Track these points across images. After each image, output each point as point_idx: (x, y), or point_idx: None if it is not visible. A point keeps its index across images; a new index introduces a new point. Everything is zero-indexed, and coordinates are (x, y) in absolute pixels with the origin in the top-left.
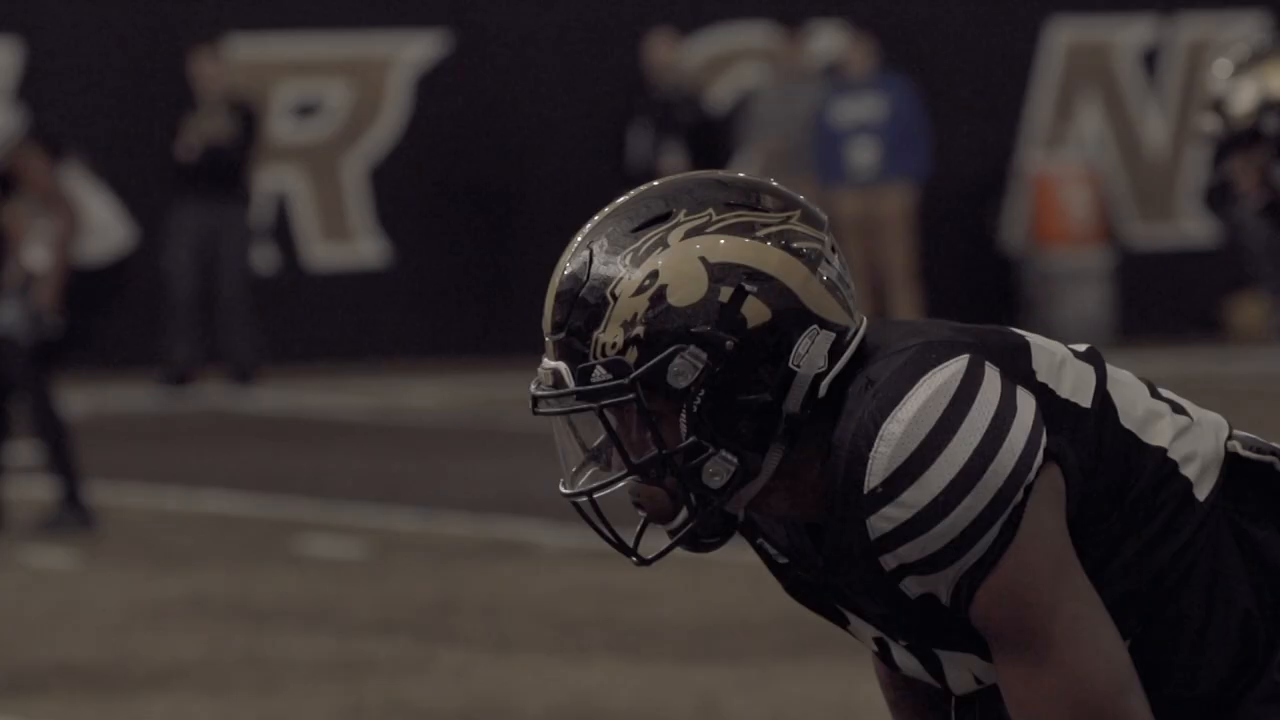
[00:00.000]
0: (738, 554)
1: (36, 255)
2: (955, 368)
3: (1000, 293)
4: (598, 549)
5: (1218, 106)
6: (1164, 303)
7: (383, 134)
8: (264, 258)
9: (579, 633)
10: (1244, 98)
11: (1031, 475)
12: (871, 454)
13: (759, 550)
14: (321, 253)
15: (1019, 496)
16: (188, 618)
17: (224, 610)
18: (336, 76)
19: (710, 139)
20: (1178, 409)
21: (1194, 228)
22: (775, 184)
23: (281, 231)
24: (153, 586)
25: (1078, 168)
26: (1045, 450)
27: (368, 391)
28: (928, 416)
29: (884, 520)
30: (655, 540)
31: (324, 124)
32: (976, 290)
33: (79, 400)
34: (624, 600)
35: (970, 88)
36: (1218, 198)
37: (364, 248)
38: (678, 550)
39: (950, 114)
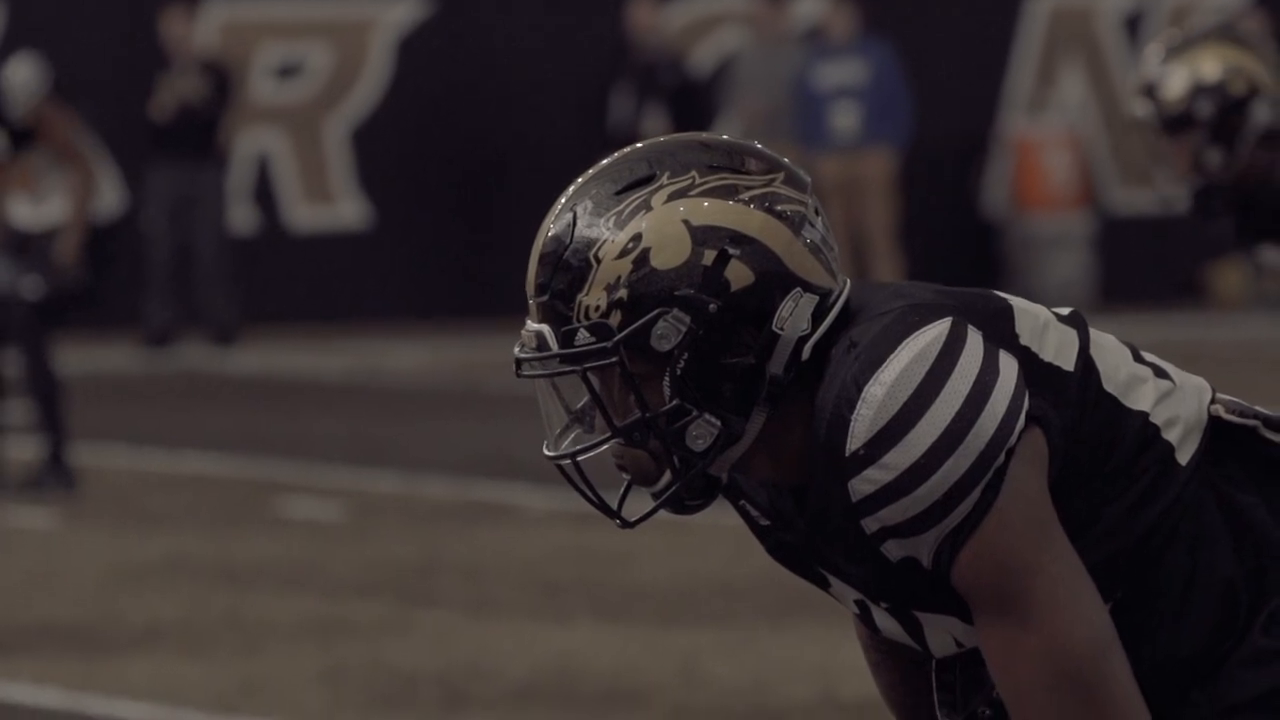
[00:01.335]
0: (720, 517)
1: (52, 209)
2: (938, 330)
3: (982, 257)
4: (579, 511)
5: (1149, 91)
6: (1145, 268)
7: (364, 96)
8: (245, 219)
9: (560, 595)
10: (1176, 83)
11: (1013, 438)
12: (853, 416)
13: (741, 512)
14: (303, 215)
15: (1000, 459)
16: (168, 578)
17: (204, 571)
18: (318, 38)
19: (692, 102)
20: (1160, 373)
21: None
22: (759, 146)
23: (263, 193)
24: (133, 547)
25: (1060, 132)
26: (1028, 414)
27: (348, 353)
28: (910, 379)
29: (865, 483)
30: (639, 503)
31: (305, 86)
32: (958, 254)
33: (59, 361)
34: (605, 563)
35: (952, 52)
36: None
37: (345, 210)
38: (660, 513)
39: (932, 78)
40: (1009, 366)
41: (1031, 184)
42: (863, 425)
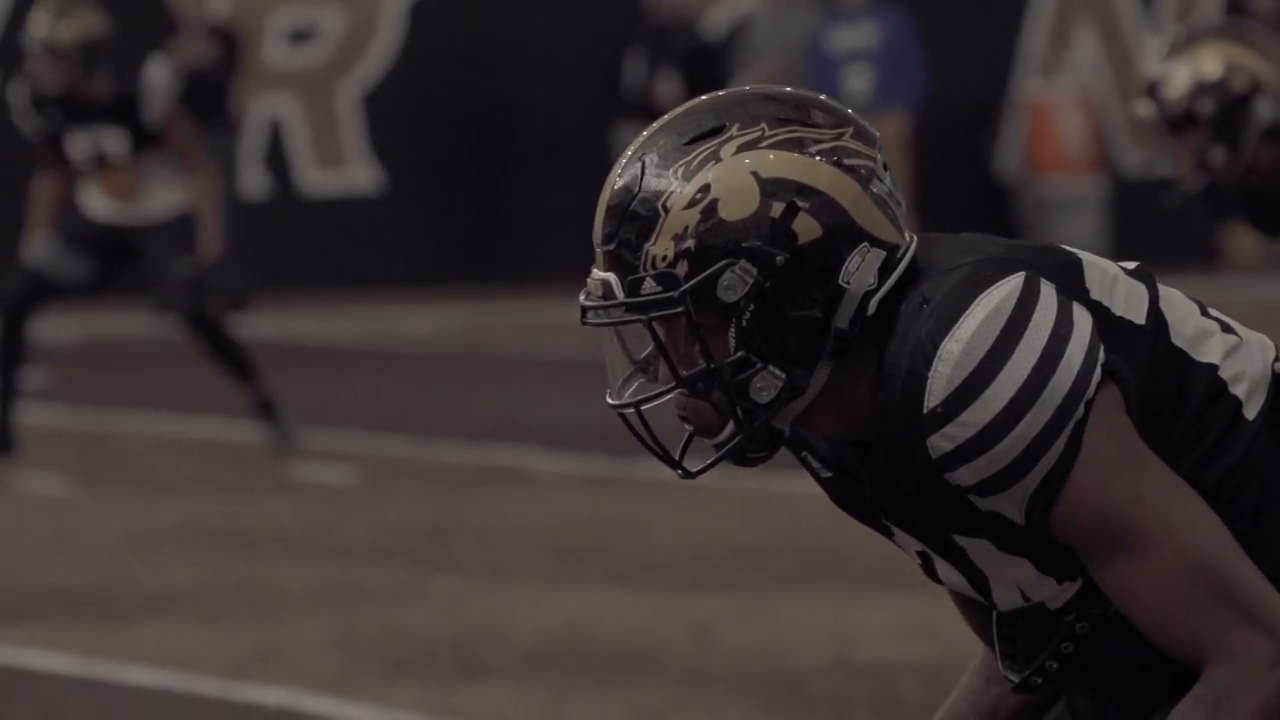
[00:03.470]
0: (734, 482)
1: (152, 205)
2: (1012, 285)
3: (995, 220)
4: (593, 476)
5: (1152, 91)
6: (1159, 230)
7: (377, 60)
8: (257, 184)
9: (574, 560)
10: (1178, 81)
11: (1091, 390)
12: (930, 373)
13: (804, 463)
14: (315, 179)
15: (1080, 412)
16: (181, 544)
17: (218, 537)
18: (331, 2)
19: (706, 66)
20: (1226, 328)
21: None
22: (827, 100)
23: (275, 158)
24: (146, 513)
25: (1073, 95)
26: (1103, 366)
27: (361, 318)
28: (986, 335)
29: (944, 440)
30: (700, 454)
31: (318, 50)
32: (971, 217)
33: (73, 326)
34: (619, 528)
35: (966, 14)
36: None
37: (358, 174)
38: (673, 478)
39: (945, 41)
40: (1083, 319)
41: (1045, 147)
42: (940, 382)
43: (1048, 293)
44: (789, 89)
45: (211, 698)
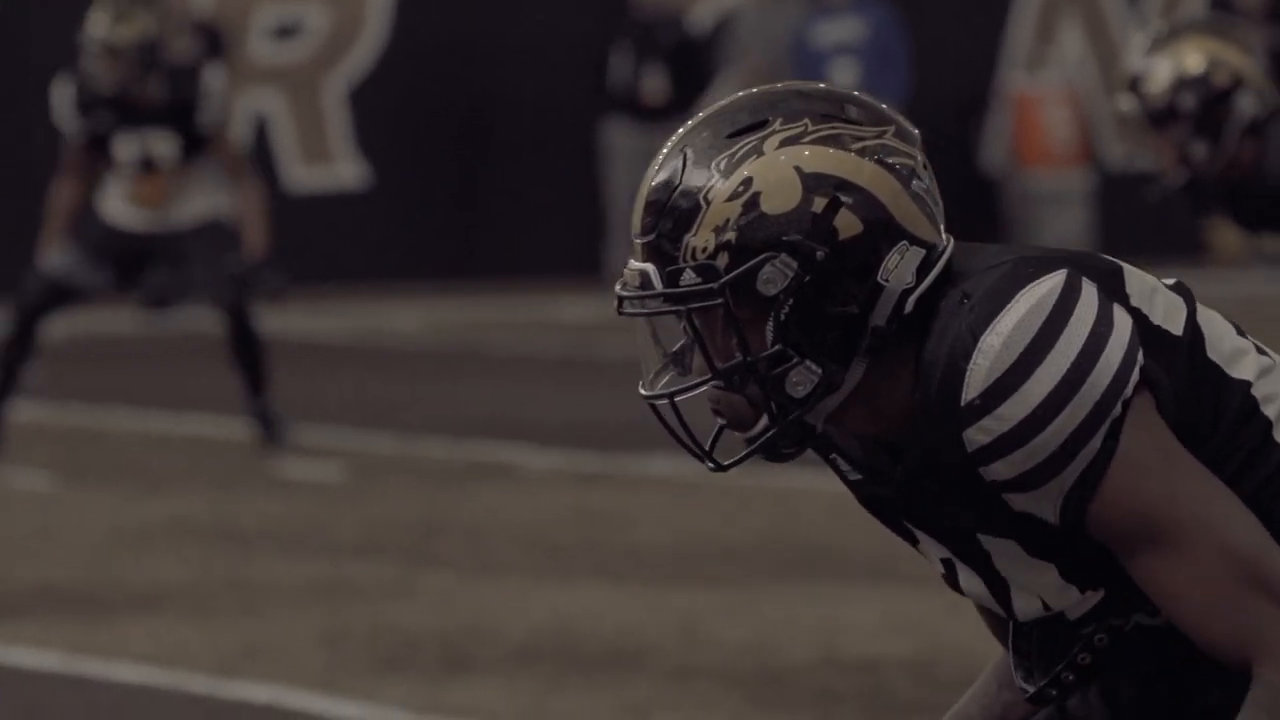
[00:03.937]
0: (721, 478)
1: (189, 209)
2: (1054, 281)
3: (981, 214)
4: (581, 472)
5: (1134, 85)
6: (1145, 224)
7: (363, 56)
8: None
9: (562, 556)
10: (1160, 76)
11: (1129, 389)
12: (969, 366)
13: (832, 465)
14: (301, 175)
15: (1117, 410)
16: (170, 540)
17: (206, 533)
18: None
19: (692, 61)
20: (1260, 350)
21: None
22: (866, 98)
23: (261, 154)
24: (135, 509)
25: (1059, 89)
26: (1141, 370)
27: (348, 314)
28: (1026, 329)
29: (981, 433)
30: (727, 449)
31: (303, 46)
32: (958, 211)
33: (60, 324)
34: (607, 524)
35: (951, 9)
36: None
37: (344, 170)
38: (660, 474)
39: (932, 35)
40: (1123, 320)
41: (1031, 140)
42: (979, 376)
43: (1089, 291)
44: (822, 85)
45: (199, 694)
